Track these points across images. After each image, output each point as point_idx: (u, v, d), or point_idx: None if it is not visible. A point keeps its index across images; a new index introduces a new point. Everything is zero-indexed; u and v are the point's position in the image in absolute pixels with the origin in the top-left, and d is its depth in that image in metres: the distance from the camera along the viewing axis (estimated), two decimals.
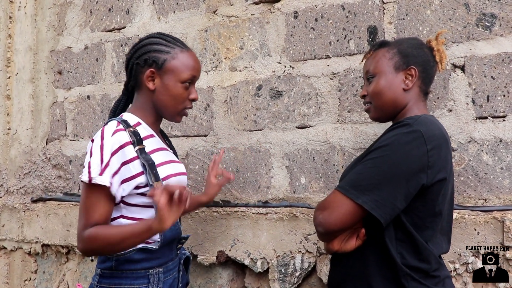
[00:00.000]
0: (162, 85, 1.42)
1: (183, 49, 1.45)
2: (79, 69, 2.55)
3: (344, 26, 1.89)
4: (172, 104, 1.44)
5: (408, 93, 1.36)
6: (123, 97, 1.56)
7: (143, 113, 1.47)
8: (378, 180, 1.19)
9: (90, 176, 1.30)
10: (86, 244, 1.30)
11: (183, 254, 1.57)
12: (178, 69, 1.41)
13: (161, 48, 1.42)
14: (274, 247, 1.96)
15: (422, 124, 1.23)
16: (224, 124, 2.12)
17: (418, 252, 1.23)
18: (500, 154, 1.64)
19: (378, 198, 1.18)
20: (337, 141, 1.89)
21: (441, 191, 1.24)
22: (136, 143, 1.35)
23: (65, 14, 2.63)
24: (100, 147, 1.32)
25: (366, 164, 1.24)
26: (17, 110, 2.81)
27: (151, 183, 1.34)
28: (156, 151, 1.43)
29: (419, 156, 1.18)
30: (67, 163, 2.57)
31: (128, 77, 1.49)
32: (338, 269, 1.38)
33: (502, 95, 1.65)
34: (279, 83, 2.01)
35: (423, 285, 1.22)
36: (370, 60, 1.43)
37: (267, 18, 2.04)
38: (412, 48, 1.38)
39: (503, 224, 1.59)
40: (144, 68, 1.42)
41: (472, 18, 1.69)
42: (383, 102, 1.37)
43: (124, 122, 1.38)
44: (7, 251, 2.81)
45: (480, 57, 1.68)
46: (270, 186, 2.01)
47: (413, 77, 1.35)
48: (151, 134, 1.46)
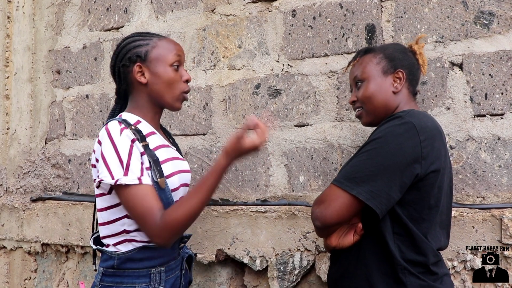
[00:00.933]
0: (153, 75, 1.43)
1: (161, 38, 1.48)
2: (78, 69, 2.55)
3: (342, 25, 1.89)
4: (168, 90, 1.45)
5: (397, 95, 1.39)
6: (116, 106, 1.56)
7: (141, 110, 1.47)
8: (373, 172, 1.21)
9: (114, 178, 1.28)
10: (171, 229, 1.28)
11: (185, 253, 1.57)
12: (162, 54, 1.44)
13: (140, 43, 1.45)
14: (273, 245, 1.96)
15: (414, 116, 1.25)
16: (223, 123, 2.12)
17: (415, 245, 1.24)
18: (498, 152, 1.64)
19: (373, 189, 1.20)
20: (335, 139, 1.89)
21: (436, 183, 1.25)
22: (139, 140, 1.35)
23: (63, 13, 2.62)
24: (113, 148, 1.31)
25: (360, 157, 1.25)
26: (16, 110, 2.81)
27: (155, 179, 1.34)
28: (159, 148, 1.43)
29: (412, 147, 1.20)
30: (66, 162, 2.57)
31: (118, 83, 1.50)
32: (337, 266, 1.39)
33: (500, 93, 1.65)
34: (277, 82, 2.01)
35: (421, 280, 1.23)
36: (357, 66, 1.46)
37: (265, 17, 2.04)
38: (397, 52, 1.42)
39: (501, 222, 1.60)
40: (131, 67, 1.44)
41: (470, 16, 1.69)
42: (374, 105, 1.40)
43: (124, 121, 1.38)
44: (7, 250, 2.81)
45: (478, 55, 1.68)
46: (269, 184, 2.01)
47: (401, 80, 1.39)
48: (153, 131, 1.46)
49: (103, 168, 1.31)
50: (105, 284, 1.39)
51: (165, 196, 1.36)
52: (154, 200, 1.30)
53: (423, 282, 1.23)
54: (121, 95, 1.53)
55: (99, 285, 1.40)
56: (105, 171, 1.30)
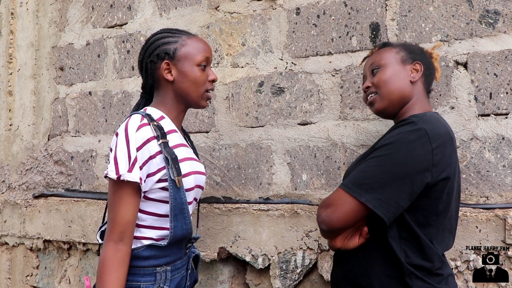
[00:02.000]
0: (180, 73, 1.44)
1: (190, 36, 1.49)
2: (81, 65, 2.55)
3: (347, 23, 1.88)
4: (194, 89, 1.46)
5: (414, 86, 1.36)
6: (141, 100, 1.57)
7: (166, 107, 1.48)
8: (382, 179, 1.19)
9: (119, 173, 1.29)
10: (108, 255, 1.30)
11: (192, 252, 1.57)
12: (191, 53, 1.45)
13: (169, 40, 1.46)
14: (275, 244, 1.96)
15: (427, 122, 1.22)
16: (226, 121, 2.12)
17: (422, 251, 1.23)
18: (502, 152, 1.64)
19: (381, 197, 1.18)
20: (338, 138, 1.89)
21: (446, 189, 1.23)
22: (160, 137, 1.35)
23: (67, 10, 2.62)
24: (126, 143, 1.32)
25: (370, 162, 1.23)
26: (19, 106, 2.81)
27: (172, 177, 1.34)
28: (178, 147, 1.43)
29: (424, 155, 1.17)
30: (68, 159, 2.57)
31: (145, 78, 1.51)
32: (341, 267, 1.38)
33: (505, 92, 1.64)
34: (281, 80, 2.00)
35: (427, 284, 1.22)
36: (375, 55, 1.44)
37: (269, 15, 2.03)
38: (416, 48, 1.41)
39: (505, 222, 1.59)
40: (158, 63, 1.45)
41: (475, 15, 1.68)
42: (390, 90, 1.36)
43: (148, 116, 1.39)
44: (9, 246, 2.82)
45: (483, 54, 1.67)
46: (271, 182, 2.01)
47: (419, 71, 1.36)
48: (174, 129, 1.46)
49: (111, 161, 1.32)
50: None
51: (179, 196, 1.37)
52: (131, 209, 1.32)
53: (428, 285, 1.22)
54: (147, 90, 1.55)
55: None
56: (112, 164, 1.31)
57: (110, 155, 1.36)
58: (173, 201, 1.36)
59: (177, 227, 1.38)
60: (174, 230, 1.38)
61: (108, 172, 1.32)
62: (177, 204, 1.37)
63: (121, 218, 1.31)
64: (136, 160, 1.31)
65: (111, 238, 1.30)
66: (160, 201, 1.39)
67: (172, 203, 1.36)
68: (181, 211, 1.38)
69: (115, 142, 1.35)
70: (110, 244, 1.30)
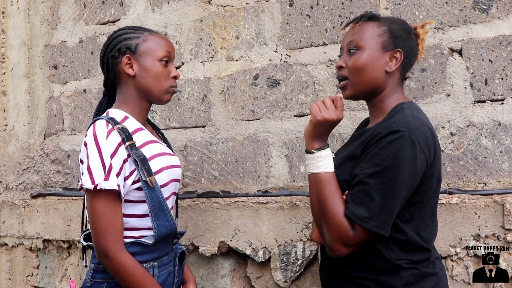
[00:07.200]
0: (141, 68, 1.44)
1: (152, 32, 1.49)
2: (75, 63, 2.54)
3: (340, 13, 1.88)
4: (155, 84, 1.45)
5: (389, 76, 1.31)
6: (104, 98, 1.56)
7: (129, 105, 1.47)
8: (395, 205, 1.18)
9: (95, 182, 1.28)
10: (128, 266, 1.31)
11: (178, 249, 1.56)
12: (152, 48, 1.44)
13: (131, 36, 1.45)
14: (275, 236, 1.96)
15: (415, 130, 1.18)
16: (222, 115, 2.11)
17: (407, 244, 1.23)
18: (499, 138, 1.64)
19: (386, 219, 1.18)
20: (335, 128, 1.88)
21: (430, 184, 1.25)
22: (125, 139, 1.34)
23: (58, 7, 2.60)
24: (98, 151, 1.30)
25: (375, 188, 1.18)
26: (13, 106, 2.79)
27: (144, 178, 1.34)
28: (147, 144, 1.42)
29: (421, 167, 1.19)
30: (65, 157, 2.56)
31: (106, 74, 1.49)
32: (327, 261, 1.37)
33: (500, 78, 1.64)
34: (276, 72, 2.00)
35: (415, 269, 1.23)
36: (356, 31, 1.33)
37: (262, 7, 2.02)
38: (402, 31, 1.32)
39: (504, 207, 1.60)
40: (120, 58, 1.44)
41: (469, 1, 1.67)
42: (363, 80, 1.30)
43: (111, 119, 1.37)
44: (8, 247, 2.81)
45: (478, 41, 1.67)
46: (269, 175, 2.01)
47: (397, 60, 1.30)
48: (140, 127, 1.45)
49: (85, 172, 1.31)
50: (96, 281, 1.38)
51: (155, 195, 1.37)
52: (118, 217, 1.32)
53: (416, 271, 1.23)
54: (108, 87, 1.53)
55: (90, 282, 1.39)
56: (86, 175, 1.30)
57: (82, 167, 1.34)
58: (150, 201, 1.36)
59: (160, 225, 1.38)
60: (158, 229, 1.38)
61: (83, 183, 1.30)
62: (155, 203, 1.36)
63: (113, 227, 1.30)
64: (112, 168, 1.29)
65: (115, 250, 1.29)
66: (137, 201, 1.38)
67: (150, 203, 1.36)
68: (161, 209, 1.38)
69: (85, 152, 1.33)
70: (120, 255, 1.30)
